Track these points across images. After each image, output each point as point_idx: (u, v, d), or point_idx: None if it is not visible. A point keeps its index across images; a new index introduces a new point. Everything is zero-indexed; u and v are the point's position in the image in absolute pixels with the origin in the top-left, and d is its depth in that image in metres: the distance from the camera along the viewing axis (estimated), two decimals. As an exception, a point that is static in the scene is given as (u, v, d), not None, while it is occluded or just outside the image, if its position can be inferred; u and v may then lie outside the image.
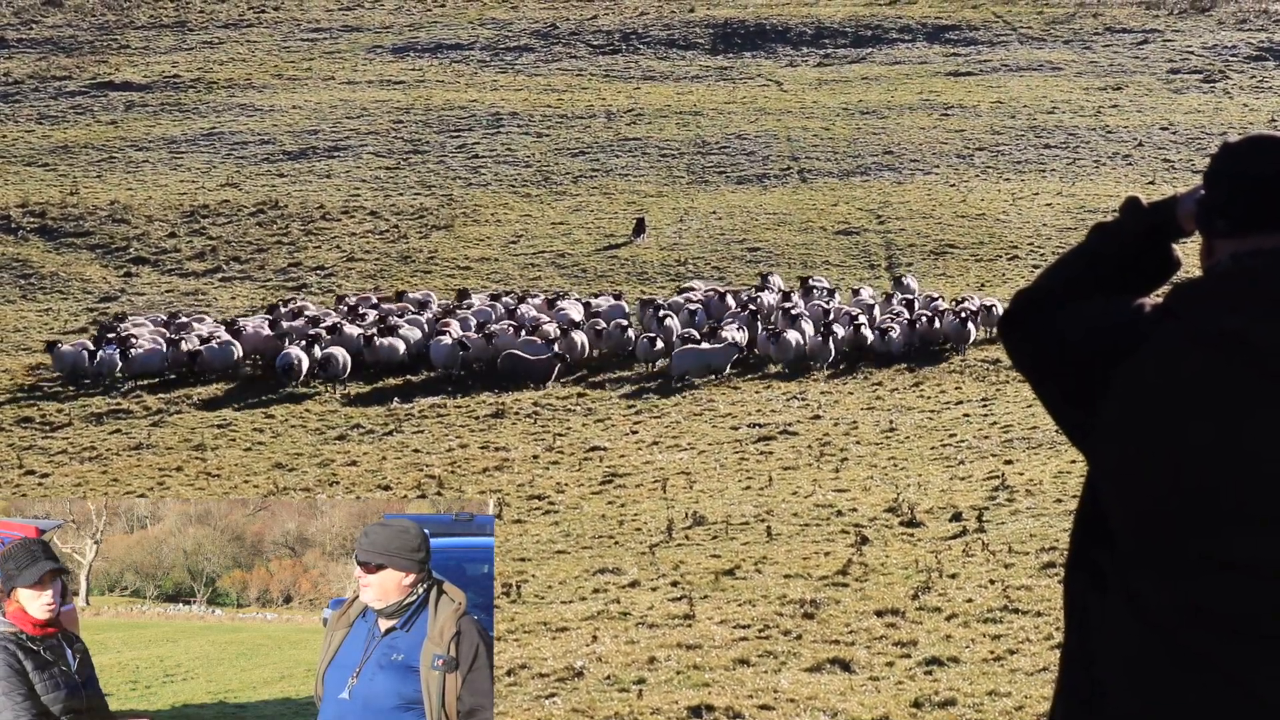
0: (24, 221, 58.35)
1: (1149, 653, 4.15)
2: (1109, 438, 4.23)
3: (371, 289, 50.83)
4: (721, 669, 16.69)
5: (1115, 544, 4.23)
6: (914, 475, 29.12)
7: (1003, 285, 50.09)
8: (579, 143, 68.31)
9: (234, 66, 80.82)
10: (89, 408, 39.79)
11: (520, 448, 34.52)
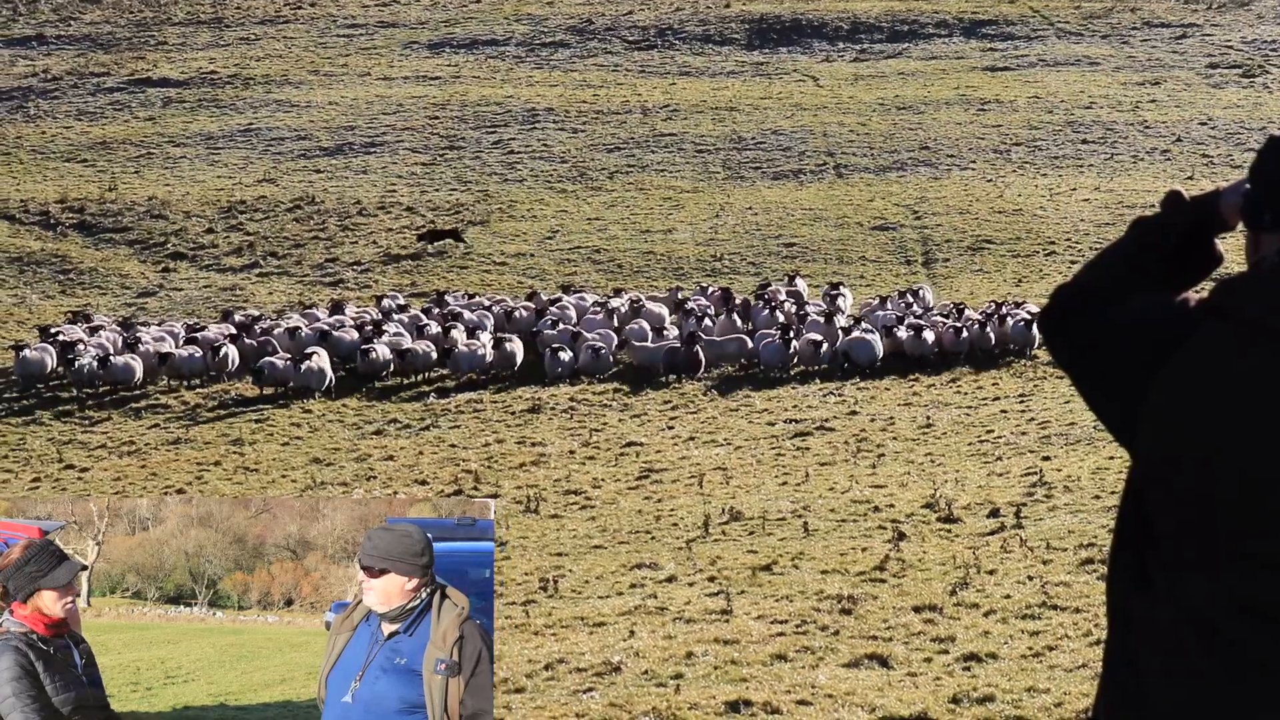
0: (63, 217, 58.53)
1: (1193, 651, 4.13)
2: (1153, 435, 4.21)
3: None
4: (759, 664, 16.68)
5: (1159, 542, 4.21)
6: (951, 471, 29.08)
7: (1040, 281, 49.93)
8: (615, 138, 68.30)
9: (271, 63, 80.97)
10: (128, 401, 39.90)
11: (557, 443, 34.53)
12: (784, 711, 14.79)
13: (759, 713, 14.79)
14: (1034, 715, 14.35)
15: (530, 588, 21.97)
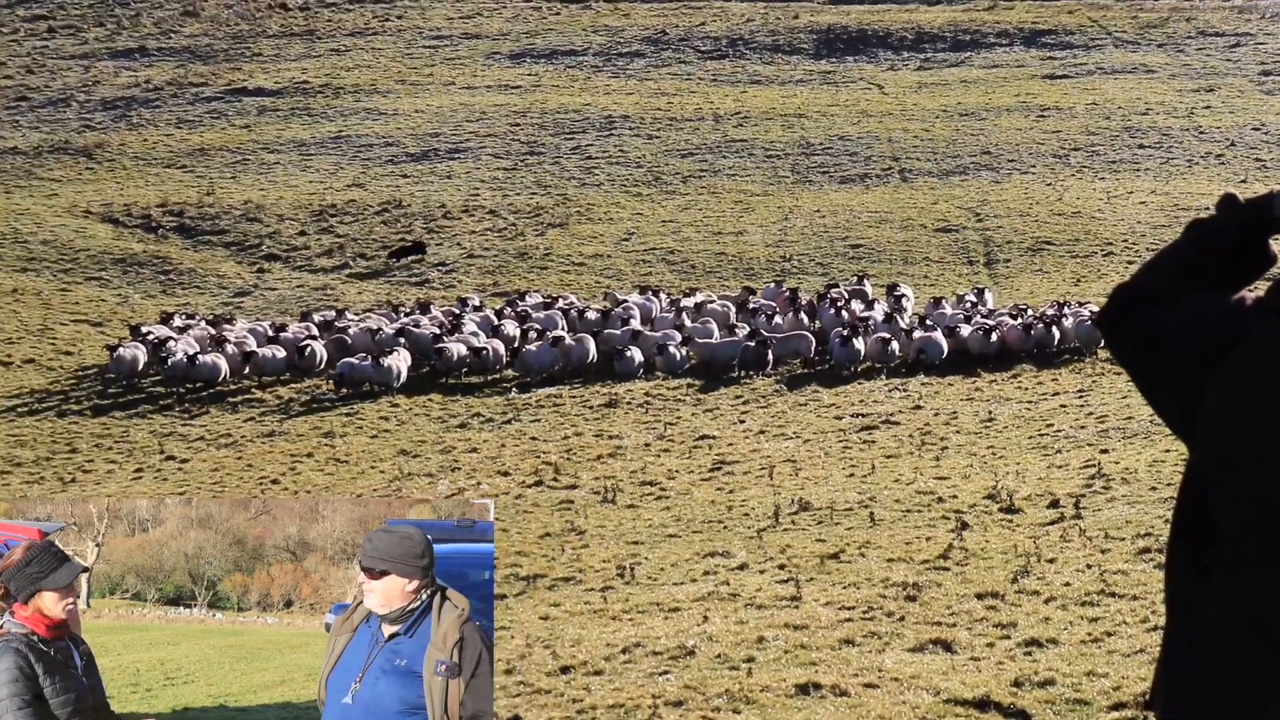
0: (163, 220, 58.87)
1: (1250, 646, 4.09)
2: (1212, 436, 4.17)
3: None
4: (828, 649, 16.65)
5: (1220, 541, 4.17)
6: (1012, 463, 28.97)
7: (1098, 281, 49.72)
8: (688, 144, 68.29)
9: (360, 73, 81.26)
10: (224, 396, 40.11)
11: (632, 436, 34.54)
12: (851, 694, 14.77)
13: (827, 695, 14.77)
14: (1093, 698, 14.28)
15: (608, 574, 21.99)
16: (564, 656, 17.21)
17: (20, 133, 72.15)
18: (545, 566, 22.93)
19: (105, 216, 59.34)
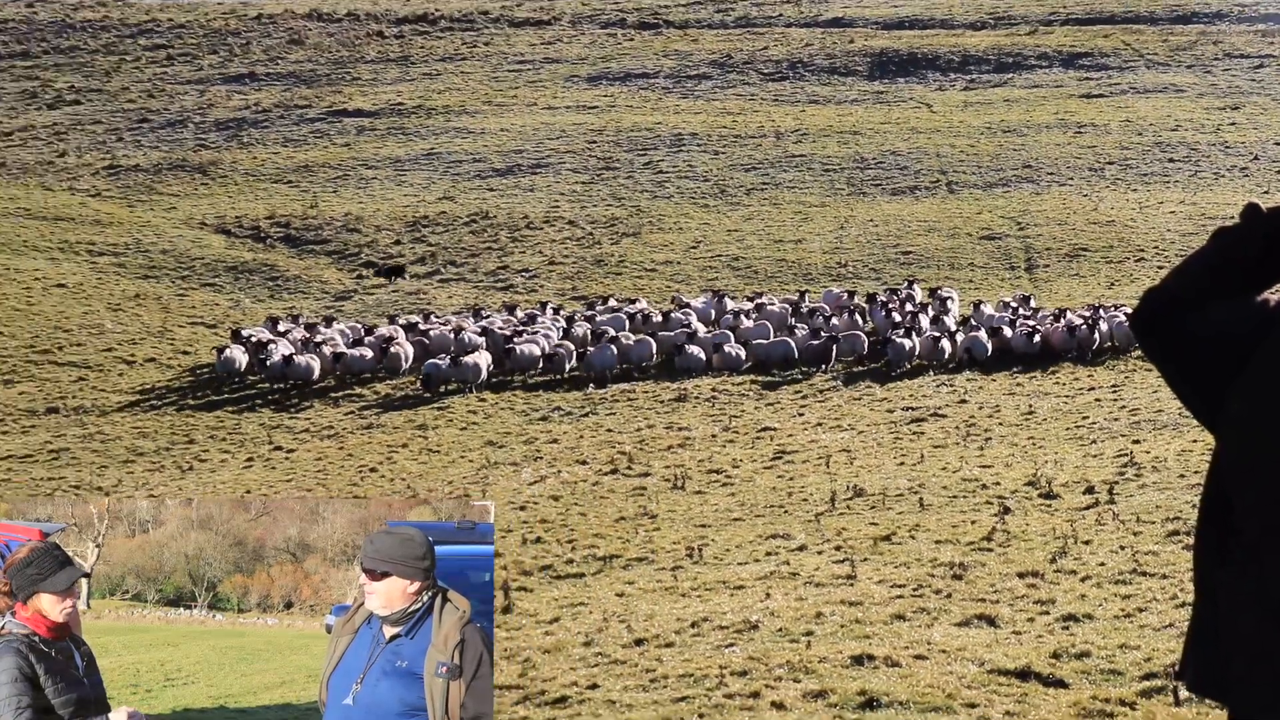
0: (271, 231, 59.18)
1: (1276, 645, 4.06)
2: (1237, 430, 4.15)
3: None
4: (880, 623, 16.64)
5: (1241, 528, 4.15)
6: (1051, 453, 28.86)
7: (1130, 285, 49.48)
8: (751, 159, 68.22)
9: (450, 95, 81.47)
10: (327, 391, 40.29)
11: (700, 428, 34.55)
12: (903, 664, 14.75)
13: (880, 665, 14.76)
14: (1126, 669, 14.23)
15: (678, 555, 22.01)
16: (638, 630, 17.24)
17: (142, 151, 72.62)
18: (620, 547, 22.97)
19: (218, 228, 59.69)
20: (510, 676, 15.53)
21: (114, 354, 45.21)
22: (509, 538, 24.30)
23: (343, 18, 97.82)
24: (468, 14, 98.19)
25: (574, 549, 23.13)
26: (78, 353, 45.15)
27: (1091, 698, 13.40)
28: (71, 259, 55.28)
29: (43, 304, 49.61)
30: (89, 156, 71.68)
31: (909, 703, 13.55)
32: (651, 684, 14.87)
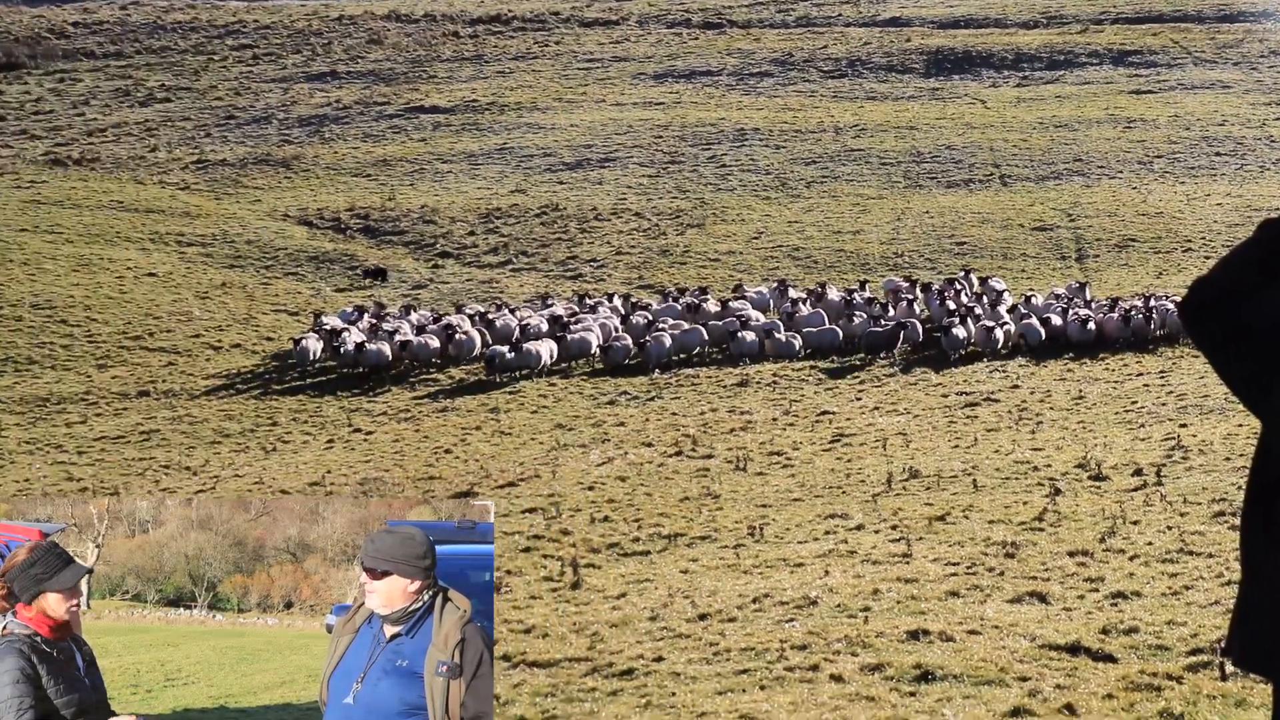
0: (351, 222, 59.39)
1: None
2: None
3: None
4: (935, 600, 16.59)
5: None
6: (1100, 436, 28.71)
7: (1178, 274, 49.18)
8: (811, 153, 68.05)
9: (522, 92, 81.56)
10: (408, 376, 40.40)
11: (761, 411, 34.51)
12: (957, 640, 14.71)
13: (935, 640, 14.71)
14: (1173, 644, 14.15)
15: (740, 534, 22.00)
16: (701, 605, 17.24)
17: (229, 146, 72.99)
18: (685, 526, 22.96)
19: (301, 219, 59.95)
20: (579, 649, 15.55)
21: (201, 340, 45.48)
22: (578, 516, 24.33)
23: (420, 18, 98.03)
24: (539, 14, 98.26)
25: (640, 527, 23.13)
26: (167, 339, 45.44)
27: (1139, 672, 13.33)
28: (161, 249, 55.63)
29: (134, 292, 49.94)
30: (178, 151, 72.10)
31: (963, 676, 13.50)
32: (714, 657, 14.86)
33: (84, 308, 47.89)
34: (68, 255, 53.61)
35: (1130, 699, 12.63)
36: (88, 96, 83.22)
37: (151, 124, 77.74)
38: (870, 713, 12.66)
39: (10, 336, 44.97)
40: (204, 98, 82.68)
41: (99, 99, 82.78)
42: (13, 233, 56.02)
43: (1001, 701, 12.73)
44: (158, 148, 72.84)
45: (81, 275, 51.33)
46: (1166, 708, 12.25)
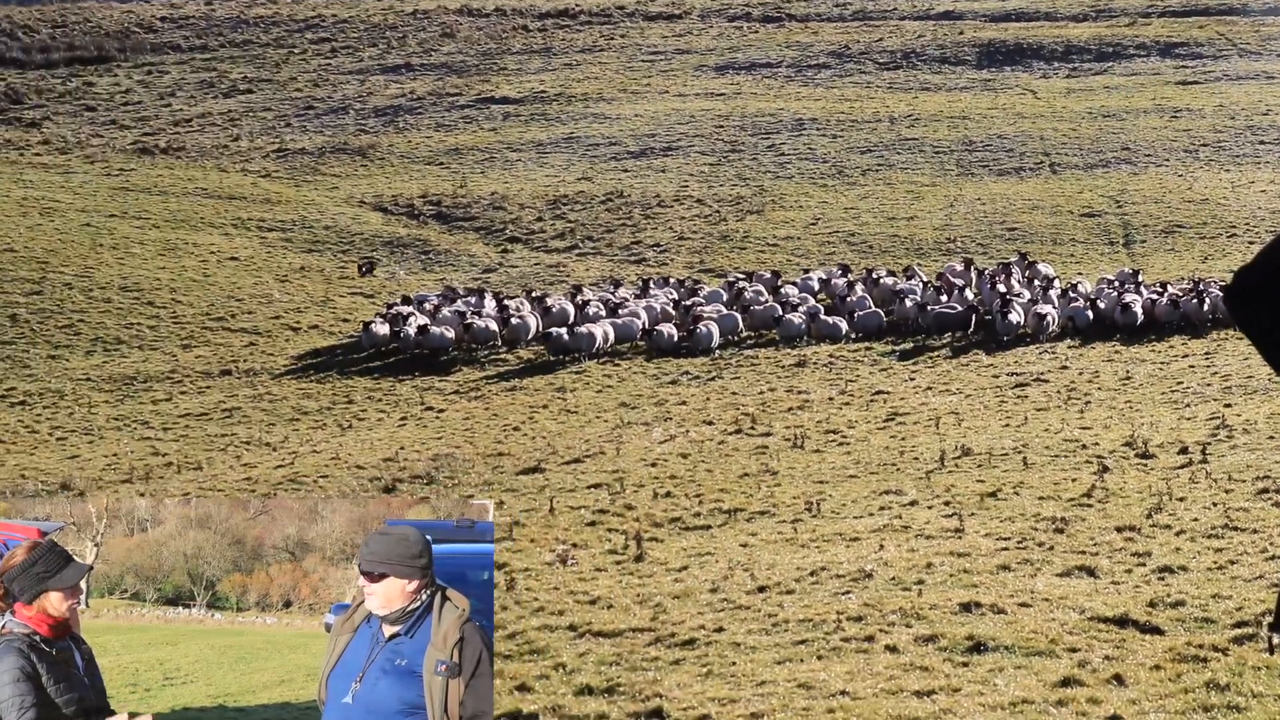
0: (424, 209, 59.52)
1: None
2: None
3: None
4: (987, 573, 16.51)
5: None
6: (1147, 415, 28.51)
7: (1222, 259, 48.81)
8: (867, 142, 67.79)
9: (589, 83, 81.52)
10: (477, 357, 40.44)
11: (818, 391, 34.40)
12: (1008, 612, 14.62)
13: (987, 613, 14.63)
14: (1218, 617, 14.03)
15: (798, 509, 21.93)
16: (760, 578, 17.19)
17: (307, 136, 73.26)
18: (744, 501, 22.91)
19: (376, 206, 60.12)
20: (642, 620, 15.53)
21: (281, 321, 45.67)
22: (641, 492, 24.31)
23: (490, 12, 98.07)
24: (605, 8, 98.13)
25: (701, 503, 23.09)
26: (248, 320, 45.66)
27: (1186, 644, 13.22)
28: (243, 234, 55.89)
29: (217, 275, 50.20)
30: (260, 141, 72.41)
31: (1014, 647, 13.42)
32: (773, 628, 14.81)
33: (169, 290, 48.17)
34: (154, 240, 53.93)
35: (1177, 670, 12.52)
36: (174, 88, 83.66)
37: (234, 114, 78.09)
38: (924, 682, 12.59)
39: (100, 318, 45.26)
40: (284, 89, 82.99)
41: (185, 90, 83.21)
42: (103, 218, 56.38)
43: (1052, 672, 12.64)
44: (240, 137, 73.17)
45: (167, 259, 51.62)
46: (1213, 679, 12.14)
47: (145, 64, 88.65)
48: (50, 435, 34.14)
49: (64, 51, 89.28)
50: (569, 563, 19.16)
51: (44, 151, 69.51)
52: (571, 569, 18.83)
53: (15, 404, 37.50)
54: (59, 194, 59.90)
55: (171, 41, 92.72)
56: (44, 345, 42.80)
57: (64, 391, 38.49)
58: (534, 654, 14.56)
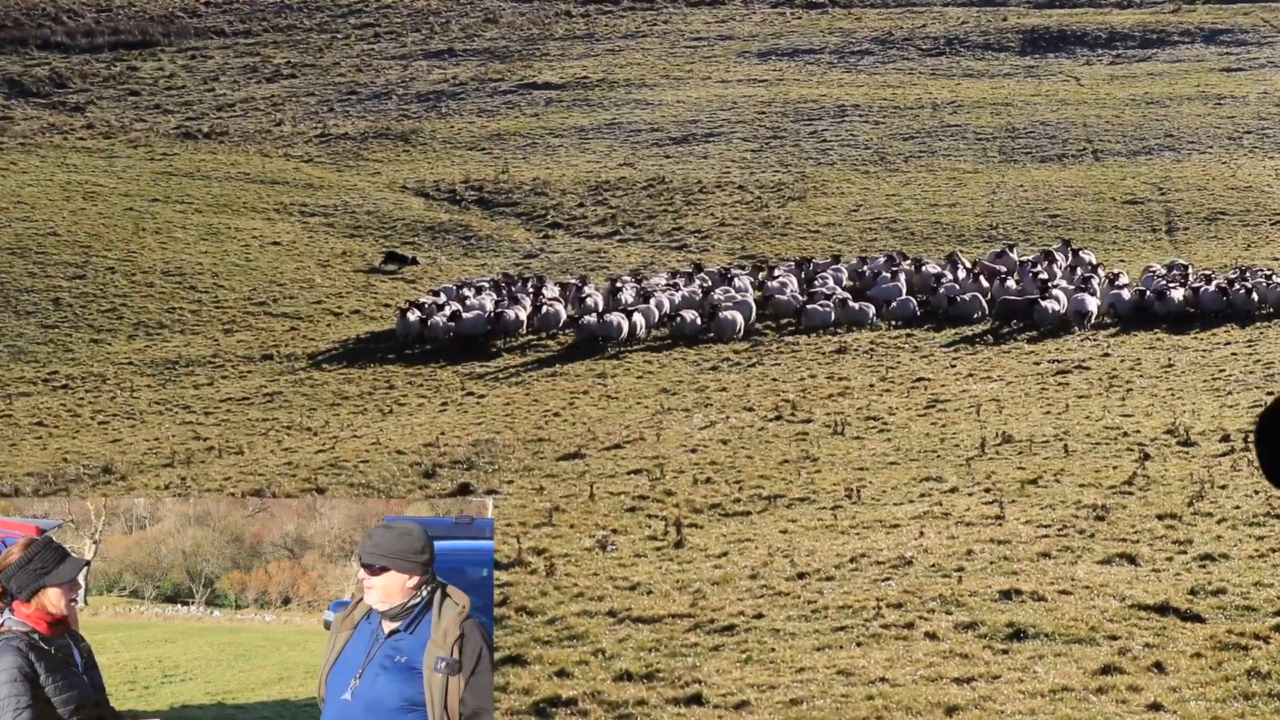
0: (466, 194, 59.56)
1: None
2: None
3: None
4: (1027, 560, 16.47)
5: None
6: (1189, 403, 28.38)
7: (1266, 246, 48.58)
8: (909, 129, 67.58)
9: (631, 69, 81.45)
10: (511, 343, 40.44)
11: (859, 378, 34.33)
12: (1048, 599, 14.58)
13: (1027, 600, 14.59)
14: (1260, 605, 13.97)
15: (838, 495, 21.91)
16: (800, 564, 17.19)
17: (350, 121, 73.40)
18: (784, 488, 22.90)
19: (418, 191, 60.20)
20: (682, 606, 15.54)
21: (322, 306, 45.79)
22: (680, 478, 24.31)
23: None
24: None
25: (741, 489, 23.08)
26: (290, 305, 45.79)
27: (1227, 631, 13.17)
28: (285, 219, 56.04)
29: (259, 260, 50.36)
30: (302, 126, 72.56)
31: (1054, 634, 13.39)
32: (813, 614, 14.81)
33: (211, 275, 48.35)
34: (197, 224, 54.12)
35: (1218, 658, 12.48)
36: (217, 73, 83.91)
37: (277, 99, 78.28)
38: (963, 669, 12.57)
39: (142, 302, 45.47)
40: (327, 74, 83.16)
41: (228, 75, 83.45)
42: (146, 203, 56.61)
43: (1092, 659, 12.60)
44: (283, 122, 73.34)
45: (210, 244, 51.81)
46: (1254, 666, 12.09)
47: (189, 48, 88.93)
48: (92, 419, 34.32)
49: (108, 36, 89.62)
50: (609, 548, 19.18)
51: (88, 136, 69.79)
52: (611, 555, 18.85)
53: (58, 388, 37.70)
54: (102, 178, 60.17)
55: (215, 26, 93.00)
56: (86, 329, 43.02)
57: (106, 375, 38.68)
58: (573, 639, 14.58)
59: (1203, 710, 11.21)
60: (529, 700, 12.83)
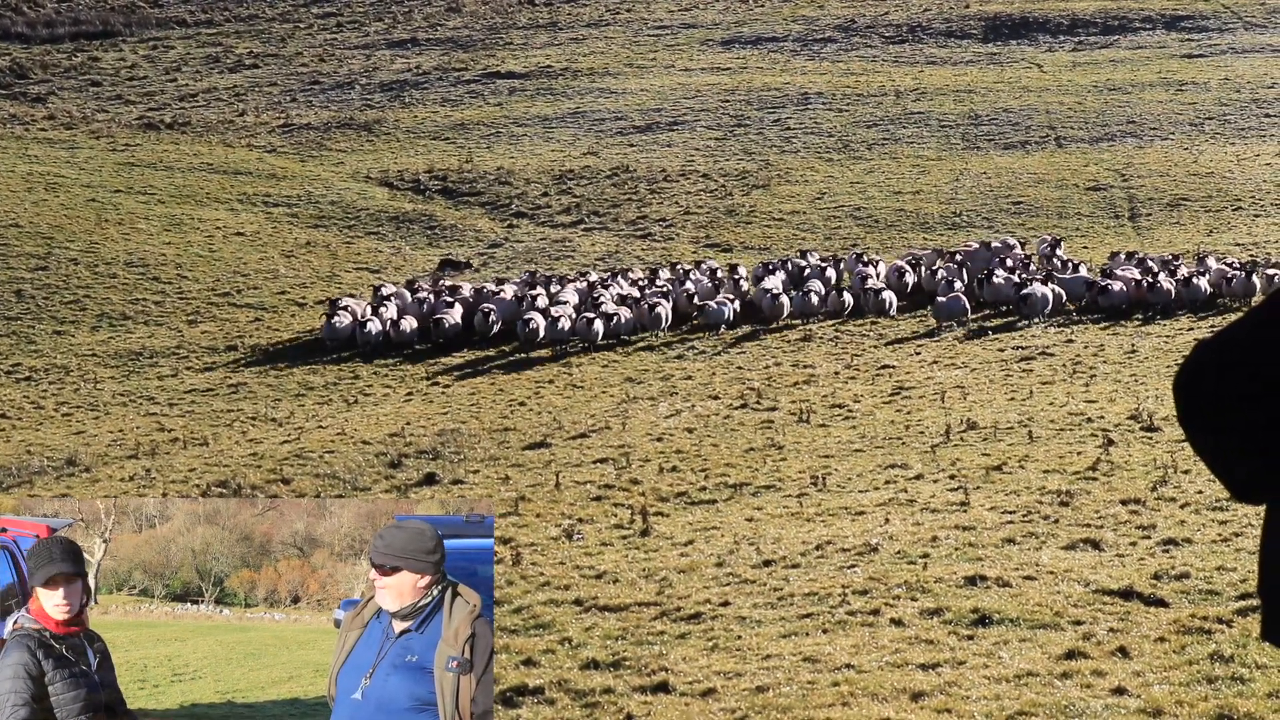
0: (429, 184, 59.44)
1: None
2: None
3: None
4: (992, 546, 16.52)
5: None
6: (1152, 389, 28.48)
7: (1228, 232, 48.77)
8: (872, 116, 67.67)
9: (594, 58, 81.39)
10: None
11: (824, 365, 34.39)
12: (1013, 585, 14.63)
13: (992, 585, 14.64)
14: (1223, 589, 14.04)
15: (803, 483, 21.95)
16: (766, 552, 17.22)
17: (313, 111, 73.19)
18: (750, 476, 22.93)
19: (382, 181, 60.07)
20: (648, 594, 15.55)
21: (286, 297, 45.67)
22: (646, 467, 24.33)
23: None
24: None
25: (707, 477, 23.11)
26: (254, 295, 45.65)
27: (1190, 616, 13.24)
28: (249, 209, 55.86)
29: (223, 251, 50.19)
30: (265, 116, 72.33)
31: (1019, 620, 13.44)
32: (779, 601, 14.84)
33: (175, 265, 48.17)
34: (160, 215, 53.90)
35: (1181, 642, 12.54)
36: (179, 63, 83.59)
37: (240, 89, 78.02)
38: (929, 655, 12.61)
39: (106, 293, 45.29)
40: (290, 64, 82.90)
41: (190, 65, 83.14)
42: (108, 194, 56.37)
43: (1056, 644, 12.66)
44: (246, 112, 73.10)
45: (173, 234, 51.61)
46: (1217, 650, 12.15)
47: (150, 39, 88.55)
48: (56, 411, 34.19)
49: (69, 26, 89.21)
50: (575, 537, 19.19)
51: (49, 127, 69.45)
52: (577, 544, 18.86)
53: (21, 380, 37.54)
54: (64, 169, 59.88)
55: (177, 16, 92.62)
56: (49, 321, 42.83)
57: (69, 367, 38.53)
58: (540, 629, 14.59)
59: (1166, 694, 11.27)
60: (496, 689, 12.84)
